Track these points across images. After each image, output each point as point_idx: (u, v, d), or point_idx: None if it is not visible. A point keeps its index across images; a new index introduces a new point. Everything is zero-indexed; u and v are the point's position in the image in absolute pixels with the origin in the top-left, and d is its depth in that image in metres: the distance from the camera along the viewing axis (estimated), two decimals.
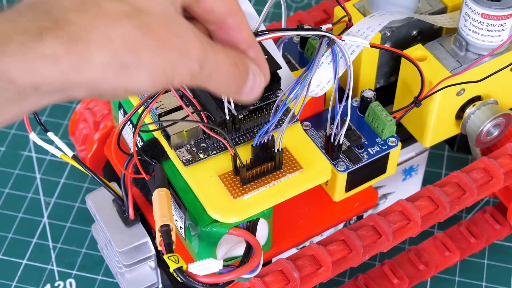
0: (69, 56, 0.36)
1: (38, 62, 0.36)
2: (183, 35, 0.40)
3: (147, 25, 0.38)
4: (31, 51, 0.35)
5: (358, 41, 0.55)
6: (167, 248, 0.48)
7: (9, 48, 0.35)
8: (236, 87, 0.44)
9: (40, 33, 0.36)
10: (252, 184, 0.52)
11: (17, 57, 0.35)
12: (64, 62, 0.36)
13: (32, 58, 0.35)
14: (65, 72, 0.36)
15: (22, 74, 0.35)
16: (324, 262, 0.55)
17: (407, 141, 0.65)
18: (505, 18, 0.58)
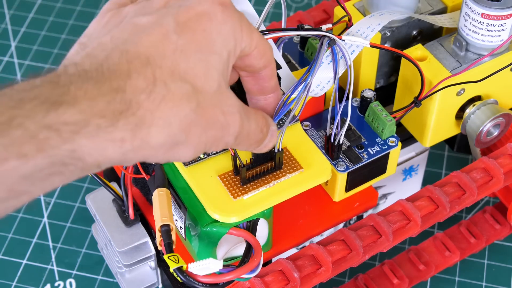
0: (133, 140, 0.39)
1: (106, 144, 0.38)
2: (228, 111, 0.43)
3: (202, 107, 0.41)
4: (104, 135, 0.38)
5: (358, 41, 0.55)
6: (167, 248, 0.48)
7: (86, 130, 0.37)
8: (255, 146, 0.48)
9: (115, 118, 0.38)
10: (252, 184, 0.52)
11: (91, 139, 0.38)
12: (128, 145, 0.39)
13: (103, 140, 0.38)
14: (126, 153, 0.39)
15: (91, 154, 0.38)
16: (324, 262, 0.55)
17: (407, 141, 0.65)
18: (505, 18, 0.58)
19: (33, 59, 0.89)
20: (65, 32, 0.92)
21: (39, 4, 0.95)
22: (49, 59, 0.89)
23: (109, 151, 0.38)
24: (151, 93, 0.39)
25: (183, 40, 0.41)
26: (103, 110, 0.38)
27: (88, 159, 0.38)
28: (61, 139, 0.37)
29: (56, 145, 0.37)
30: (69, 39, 0.91)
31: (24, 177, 0.36)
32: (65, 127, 0.37)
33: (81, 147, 0.37)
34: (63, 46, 0.91)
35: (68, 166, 0.38)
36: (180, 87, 0.40)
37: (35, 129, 0.36)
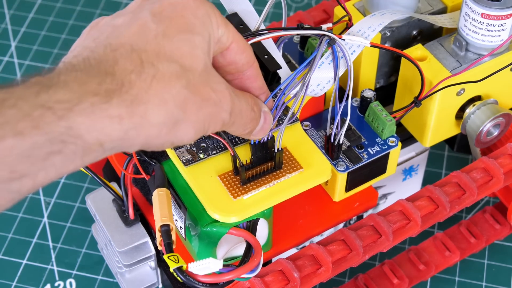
0: (132, 117, 0.40)
1: (104, 122, 0.39)
2: (218, 89, 0.44)
3: (193, 84, 0.42)
4: (100, 112, 0.39)
5: (358, 41, 0.55)
6: (167, 248, 0.48)
7: (80, 107, 0.38)
8: (251, 128, 0.49)
9: (108, 96, 0.39)
10: (252, 184, 0.52)
11: (87, 116, 0.38)
12: (127, 122, 0.40)
13: (100, 117, 0.39)
14: (127, 131, 0.40)
15: (89, 131, 0.38)
16: (324, 262, 0.55)
17: (407, 141, 0.65)
18: (505, 18, 0.58)
19: (33, 59, 0.89)
20: (65, 32, 0.92)
21: (39, 4, 0.95)
22: (49, 59, 0.89)
23: (108, 128, 0.39)
24: (141, 74, 0.40)
25: (162, 26, 0.43)
26: (95, 90, 0.39)
27: (87, 137, 0.38)
28: (56, 116, 0.37)
29: (51, 121, 0.37)
30: (69, 39, 0.91)
31: (23, 156, 0.37)
32: (58, 105, 0.38)
33: (77, 124, 0.38)
34: (63, 46, 0.91)
35: (67, 145, 0.38)
36: (168, 66, 0.41)
37: (28, 108, 0.37)
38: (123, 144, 0.40)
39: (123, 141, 0.40)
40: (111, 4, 0.95)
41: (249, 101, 0.48)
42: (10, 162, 0.37)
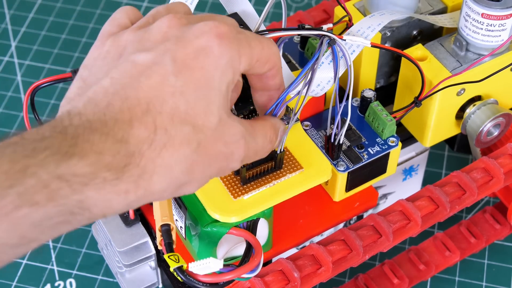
0: (137, 191, 0.40)
1: (112, 196, 0.39)
2: (231, 141, 0.44)
3: (203, 145, 0.42)
4: (110, 187, 0.39)
5: (359, 41, 0.55)
6: (167, 248, 0.48)
7: (94, 182, 0.39)
8: (265, 154, 0.49)
9: (120, 171, 0.39)
10: (252, 183, 0.52)
11: (98, 191, 0.39)
12: (131, 196, 0.40)
13: (108, 192, 0.39)
14: (129, 204, 0.40)
15: (97, 205, 0.39)
16: (324, 262, 0.55)
17: (407, 141, 0.65)
18: (505, 18, 0.58)
19: (33, 59, 0.89)
20: (65, 32, 0.92)
21: (39, 4, 0.95)
22: (49, 59, 0.89)
23: (114, 202, 0.40)
24: (153, 142, 0.40)
25: (181, 82, 0.41)
26: (109, 164, 0.39)
27: (94, 210, 0.39)
28: (71, 189, 0.38)
29: (66, 195, 0.38)
30: (69, 39, 0.91)
31: (34, 225, 0.38)
32: (75, 178, 0.38)
33: (88, 198, 0.39)
34: (63, 46, 0.91)
35: (76, 216, 0.39)
36: (180, 130, 0.41)
37: (47, 178, 0.37)
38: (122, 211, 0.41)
39: (123, 211, 0.41)
40: (111, 4, 0.95)
41: (267, 135, 0.48)
42: (21, 230, 0.37)
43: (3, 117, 0.84)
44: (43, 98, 0.85)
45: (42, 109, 0.84)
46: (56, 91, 0.86)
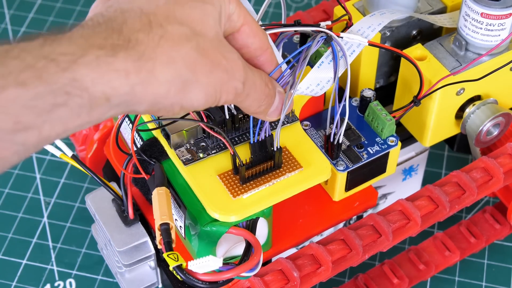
0: (139, 73, 0.39)
1: (111, 75, 0.39)
2: (230, 57, 0.44)
3: (203, 48, 0.42)
4: (105, 65, 0.38)
5: (357, 39, 0.55)
6: (166, 246, 0.48)
7: (86, 60, 0.38)
8: (266, 106, 0.48)
9: (114, 50, 0.39)
10: (251, 183, 0.52)
11: (92, 69, 0.38)
12: (133, 77, 0.39)
13: (106, 71, 0.38)
14: (133, 87, 0.39)
15: (95, 83, 0.38)
16: (324, 262, 0.55)
17: (407, 141, 0.65)
18: (504, 17, 0.58)
19: None
20: None
21: (39, 4, 0.95)
22: None
23: (114, 82, 0.39)
24: (149, 33, 0.40)
25: None
26: (100, 44, 0.39)
27: (93, 90, 0.38)
28: (60, 68, 0.37)
29: (55, 73, 0.37)
30: None
31: (26, 106, 0.37)
32: (62, 57, 0.38)
33: (82, 76, 0.38)
34: None
35: (72, 97, 0.38)
36: (178, 28, 0.41)
37: (31, 59, 0.37)
38: (131, 100, 0.40)
39: (130, 97, 0.40)
40: None
41: (263, 77, 0.48)
42: (14, 112, 0.36)
43: None
44: None
45: None
46: None
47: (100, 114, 0.40)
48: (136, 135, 0.58)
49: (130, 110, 0.41)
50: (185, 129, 0.53)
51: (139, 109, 0.41)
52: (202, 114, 0.53)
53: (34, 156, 0.80)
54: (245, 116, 0.54)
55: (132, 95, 0.40)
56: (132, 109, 0.41)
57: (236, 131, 0.55)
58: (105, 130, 0.68)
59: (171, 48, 0.41)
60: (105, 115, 0.40)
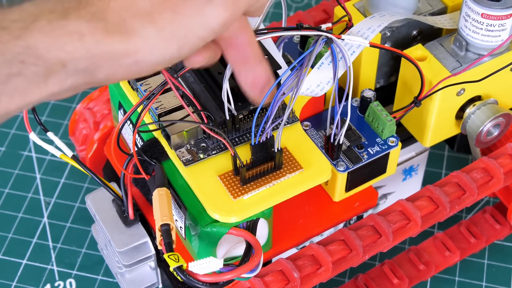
0: (93, 34, 0.38)
1: (64, 39, 0.38)
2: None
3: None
4: (58, 28, 0.37)
5: (357, 41, 0.55)
6: (167, 247, 0.48)
7: (38, 25, 0.37)
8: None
9: (65, 12, 0.38)
10: (252, 184, 0.52)
11: (45, 34, 0.37)
12: (88, 39, 0.38)
13: (59, 35, 0.37)
14: (90, 50, 0.38)
15: (49, 49, 0.37)
16: (324, 262, 0.55)
17: (407, 141, 0.65)
18: (505, 18, 0.58)
19: None
20: None
21: None
22: None
23: (69, 46, 0.38)
24: None
25: None
26: (51, 8, 0.38)
27: (48, 55, 0.37)
28: (12, 36, 0.37)
29: (8, 41, 0.36)
30: None
31: None
32: (14, 24, 0.37)
33: (36, 43, 0.37)
34: None
35: (27, 66, 0.37)
36: None
37: None
38: (89, 65, 0.39)
39: (88, 61, 0.39)
40: None
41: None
42: None
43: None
44: None
45: (42, 110, 0.84)
46: None
47: (59, 82, 0.39)
48: (137, 135, 0.58)
49: (90, 77, 0.40)
50: (185, 129, 0.53)
51: (99, 75, 0.40)
52: (203, 115, 0.53)
53: (34, 156, 0.80)
54: (245, 117, 0.54)
55: (89, 58, 0.39)
56: (92, 75, 0.40)
57: (237, 131, 0.55)
58: (105, 130, 0.68)
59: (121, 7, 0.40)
60: (64, 84, 0.39)
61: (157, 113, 0.54)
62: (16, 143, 0.81)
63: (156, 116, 0.54)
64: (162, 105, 0.54)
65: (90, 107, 0.70)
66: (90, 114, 0.69)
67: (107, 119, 0.68)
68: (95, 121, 0.69)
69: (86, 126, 0.70)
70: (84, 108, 0.70)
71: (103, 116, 0.69)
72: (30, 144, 0.81)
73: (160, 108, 0.54)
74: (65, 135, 0.81)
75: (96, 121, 0.69)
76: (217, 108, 0.54)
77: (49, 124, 0.83)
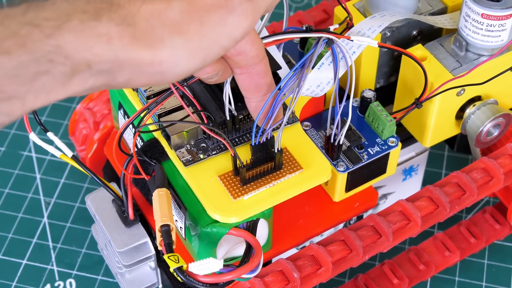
0: (121, 38, 0.38)
1: (94, 40, 0.38)
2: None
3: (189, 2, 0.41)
4: (89, 29, 0.38)
5: (366, 41, 0.55)
6: (167, 248, 0.48)
7: (70, 25, 0.37)
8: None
9: (97, 13, 0.38)
10: (252, 184, 0.52)
11: (76, 34, 0.37)
12: (116, 42, 0.38)
13: (89, 35, 0.38)
14: (117, 53, 0.38)
15: (78, 50, 0.37)
16: (324, 262, 0.55)
17: (407, 141, 0.65)
18: (505, 18, 0.58)
19: None
20: None
21: None
22: None
23: (97, 48, 0.38)
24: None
25: None
26: (84, 8, 0.38)
27: (76, 56, 0.37)
28: (44, 34, 0.37)
29: (39, 40, 0.36)
30: None
31: (10, 75, 0.36)
32: (46, 22, 0.37)
33: (66, 43, 0.37)
34: None
35: (55, 65, 0.37)
36: None
37: (15, 26, 0.36)
38: (111, 68, 0.39)
39: (112, 64, 0.39)
40: None
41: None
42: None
43: None
44: None
45: (42, 110, 0.84)
46: None
47: (82, 82, 0.39)
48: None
49: (111, 79, 0.40)
50: (185, 130, 0.53)
51: (120, 78, 0.40)
52: (203, 115, 0.53)
53: (34, 156, 0.80)
54: (245, 117, 0.54)
55: (114, 62, 0.39)
56: (113, 78, 0.40)
57: (237, 132, 0.55)
58: (105, 130, 0.68)
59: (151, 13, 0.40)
60: (86, 84, 0.39)
61: (157, 114, 0.54)
62: (16, 143, 0.81)
63: (156, 116, 0.54)
64: (162, 106, 0.54)
65: (90, 107, 0.70)
66: (90, 114, 0.69)
67: (107, 119, 0.68)
68: (95, 121, 0.69)
69: (86, 126, 0.70)
70: (84, 108, 0.70)
71: (103, 116, 0.69)
72: (30, 144, 0.81)
73: (160, 109, 0.54)
74: (65, 135, 0.81)
75: (96, 121, 0.69)
76: (217, 108, 0.54)
77: (49, 124, 0.83)
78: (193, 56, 0.41)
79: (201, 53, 0.41)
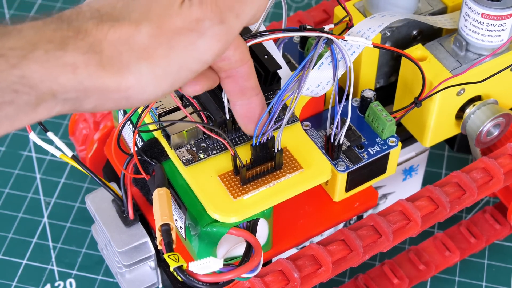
0: (87, 66, 0.38)
1: (58, 70, 0.37)
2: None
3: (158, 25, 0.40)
4: (54, 59, 0.37)
5: (360, 41, 0.55)
6: (167, 247, 0.48)
7: (35, 55, 0.37)
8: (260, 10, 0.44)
9: (63, 42, 0.38)
10: (252, 184, 0.52)
11: (41, 64, 0.37)
12: (81, 71, 0.38)
13: (54, 65, 0.37)
14: (82, 82, 0.38)
15: (43, 80, 0.37)
16: (324, 262, 0.55)
17: (407, 141, 0.65)
18: (505, 18, 0.58)
19: None
20: None
21: (39, 4, 0.95)
22: None
23: (61, 78, 0.38)
24: (98, 23, 0.39)
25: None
26: (50, 36, 0.38)
27: (40, 86, 0.37)
28: (9, 64, 0.36)
29: (4, 70, 0.36)
30: None
31: None
32: (11, 52, 0.36)
33: (31, 73, 0.37)
34: None
35: (20, 95, 0.37)
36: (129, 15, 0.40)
37: None
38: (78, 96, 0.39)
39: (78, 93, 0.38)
40: None
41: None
42: None
43: None
44: None
45: None
46: None
47: (47, 110, 0.38)
48: (137, 135, 0.58)
49: (78, 106, 0.39)
50: (185, 129, 0.53)
51: (87, 105, 0.40)
52: (202, 115, 0.53)
53: (34, 156, 0.80)
54: None
55: (80, 90, 0.39)
56: (80, 105, 0.39)
57: (237, 131, 0.55)
58: (105, 130, 0.68)
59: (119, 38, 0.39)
60: (52, 111, 0.39)
61: (157, 113, 0.54)
62: (16, 143, 0.81)
63: (156, 116, 0.54)
64: (162, 105, 0.54)
65: None
66: (90, 114, 0.69)
67: (107, 119, 0.68)
68: (95, 121, 0.69)
69: (86, 126, 0.70)
70: None
71: (103, 116, 0.69)
72: (30, 144, 0.81)
73: (160, 108, 0.54)
74: (65, 135, 0.81)
75: (96, 121, 0.69)
76: (217, 108, 0.54)
77: (49, 124, 0.83)
78: (160, 82, 0.41)
79: (169, 78, 0.41)
